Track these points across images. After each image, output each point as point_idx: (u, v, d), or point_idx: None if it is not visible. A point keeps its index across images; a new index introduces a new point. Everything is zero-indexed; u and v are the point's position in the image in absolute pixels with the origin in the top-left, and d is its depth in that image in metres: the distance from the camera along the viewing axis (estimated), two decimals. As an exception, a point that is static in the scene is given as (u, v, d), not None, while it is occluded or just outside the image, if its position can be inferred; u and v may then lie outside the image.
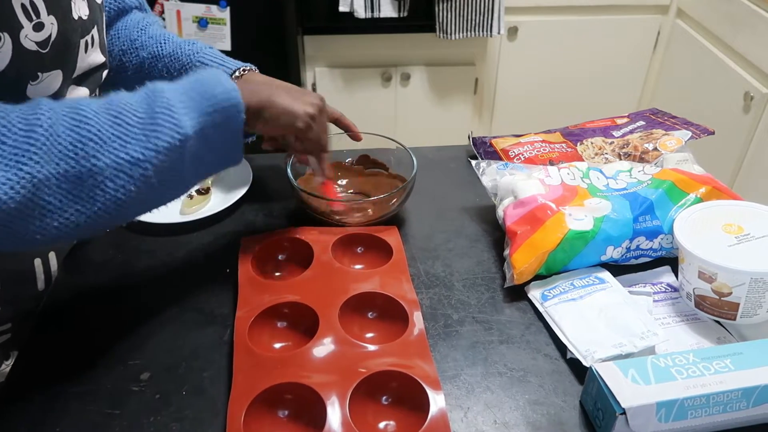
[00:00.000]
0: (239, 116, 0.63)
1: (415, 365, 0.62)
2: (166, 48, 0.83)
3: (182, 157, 0.59)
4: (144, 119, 0.57)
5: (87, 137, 0.54)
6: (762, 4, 1.65)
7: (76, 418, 0.60)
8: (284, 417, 0.59)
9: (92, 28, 0.68)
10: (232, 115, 0.63)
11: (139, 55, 0.84)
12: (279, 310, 0.68)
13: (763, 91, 1.63)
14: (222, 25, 1.75)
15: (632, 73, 2.16)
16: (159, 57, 0.84)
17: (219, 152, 0.64)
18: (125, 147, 0.56)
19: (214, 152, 0.64)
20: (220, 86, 0.62)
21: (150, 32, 0.85)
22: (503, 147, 0.96)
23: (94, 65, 0.70)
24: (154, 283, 0.75)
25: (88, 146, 0.54)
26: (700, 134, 0.90)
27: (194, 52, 0.83)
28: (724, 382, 0.56)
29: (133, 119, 0.57)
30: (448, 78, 2.05)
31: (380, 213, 0.82)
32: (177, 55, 0.83)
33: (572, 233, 0.73)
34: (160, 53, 0.83)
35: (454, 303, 0.73)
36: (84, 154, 0.54)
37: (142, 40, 0.84)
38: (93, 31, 0.69)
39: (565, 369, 0.65)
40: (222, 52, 0.86)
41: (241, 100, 0.63)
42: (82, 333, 0.69)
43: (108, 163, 0.55)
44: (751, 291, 0.65)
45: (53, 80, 0.62)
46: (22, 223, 0.52)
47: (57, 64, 0.62)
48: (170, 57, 0.83)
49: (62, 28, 0.61)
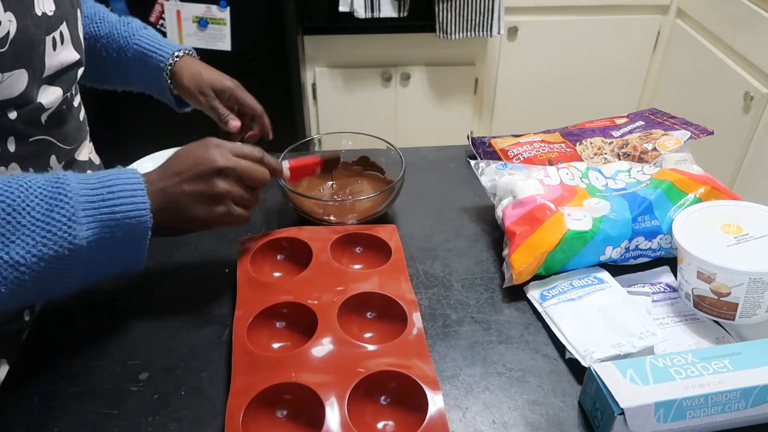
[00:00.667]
0: (144, 232, 0.60)
1: (414, 365, 0.62)
2: (102, 28, 0.83)
3: (69, 267, 0.57)
4: (38, 221, 0.54)
5: None
6: (762, 4, 1.65)
7: (75, 418, 0.60)
8: (283, 417, 0.59)
9: (60, 25, 0.66)
10: (137, 232, 0.59)
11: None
12: (278, 310, 0.68)
13: (763, 91, 1.63)
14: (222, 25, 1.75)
15: (632, 73, 2.16)
16: (96, 37, 0.83)
17: (116, 262, 0.61)
18: (8, 246, 0.53)
19: (110, 262, 0.60)
20: (129, 201, 0.58)
21: (85, 11, 0.83)
22: (502, 147, 0.96)
23: (67, 64, 0.68)
24: (153, 283, 0.75)
25: None
26: (699, 134, 0.90)
27: (130, 34, 0.83)
28: (722, 382, 0.56)
29: (26, 218, 0.54)
30: (448, 78, 2.05)
31: (367, 213, 0.82)
32: (113, 36, 0.82)
33: (571, 233, 0.73)
34: (97, 33, 0.83)
35: (452, 303, 0.73)
36: None
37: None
38: (61, 28, 0.66)
39: (563, 369, 0.65)
40: (159, 35, 0.86)
41: (149, 221, 0.59)
42: (81, 333, 0.69)
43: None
44: (749, 291, 0.65)
45: (17, 80, 0.60)
46: None
47: (19, 63, 0.60)
48: (107, 38, 0.83)
49: (22, 25, 0.58)
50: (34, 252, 0.54)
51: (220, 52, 1.77)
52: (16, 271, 0.53)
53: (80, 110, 0.78)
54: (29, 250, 0.53)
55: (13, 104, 0.62)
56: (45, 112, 0.67)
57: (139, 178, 0.60)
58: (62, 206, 0.55)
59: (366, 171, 0.92)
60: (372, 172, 0.92)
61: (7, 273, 0.53)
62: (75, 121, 0.75)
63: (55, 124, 0.70)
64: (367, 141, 0.90)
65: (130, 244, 0.60)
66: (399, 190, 0.84)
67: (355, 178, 0.91)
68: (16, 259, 0.53)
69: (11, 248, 0.53)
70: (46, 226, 0.54)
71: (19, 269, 0.53)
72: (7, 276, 0.53)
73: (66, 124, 0.72)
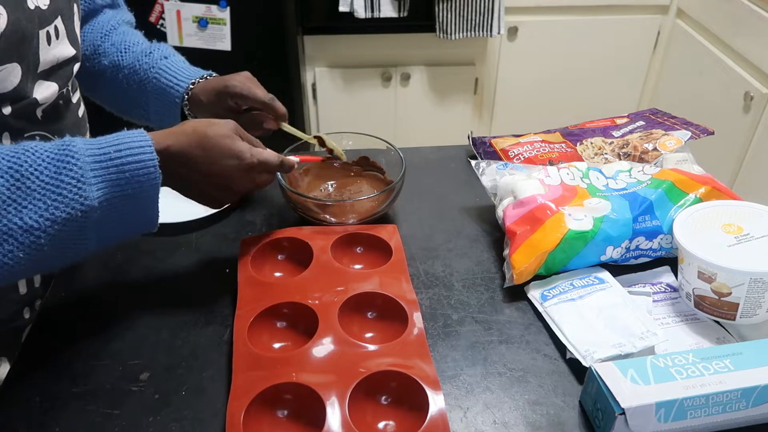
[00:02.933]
0: (155, 187, 0.60)
1: (415, 365, 0.62)
2: (126, 58, 0.82)
3: (83, 228, 0.57)
4: (48, 185, 0.55)
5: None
6: (762, 4, 1.65)
7: (76, 417, 0.60)
8: (283, 417, 0.59)
9: (54, 19, 0.65)
10: (147, 187, 0.60)
11: (101, 63, 0.82)
12: (278, 310, 0.68)
13: (763, 91, 1.63)
14: (222, 25, 1.75)
15: (632, 73, 2.16)
16: (119, 67, 0.82)
17: (129, 221, 0.62)
18: (21, 212, 0.53)
19: (123, 222, 0.61)
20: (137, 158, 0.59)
21: (113, 38, 0.83)
22: (503, 147, 0.96)
23: (63, 59, 0.67)
24: (154, 282, 0.75)
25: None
26: (699, 134, 0.90)
27: (150, 66, 0.81)
28: (723, 382, 0.56)
29: (36, 182, 0.54)
30: (448, 78, 2.05)
31: (367, 213, 0.82)
32: (135, 67, 0.81)
33: (572, 233, 0.73)
34: (120, 63, 0.82)
35: (453, 303, 0.73)
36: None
37: (104, 47, 0.83)
38: (56, 22, 0.65)
39: (564, 369, 0.65)
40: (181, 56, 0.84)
41: (157, 173, 0.60)
42: (82, 333, 0.69)
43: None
44: (750, 291, 0.65)
45: (9, 74, 0.60)
46: None
47: (12, 56, 0.59)
48: (129, 68, 0.81)
49: (14, 17, 0.58)
50: (47, 215, 0.54)
51: (220, 52, 1.77)
52: (31, 235, 0.54)
53: (79, 106, 0.77)
54: (42, 213, 0.54)
55: (7, 99, 0.62)
56: (40, 107, 0.66)
57: (146, 136, 0.61)
58: (71, 168, 0.56)
59: (366, 171, 0.92)
60: (372, 172, 0.92)
61: (23, 238, 0.54)
62: (73, 117, 0.74)
63: (51, 120, 0.69)
64: (367, 141, 0.90)
65: (141, 201, 0.60)
66: (399, 190, 0.84)
67: (355, 178, 0.91)
68: (30, 224, 0.53)
69: (24, 213, 0.53)
70: (56, 189, 0.55)
71: (33, 233, 0.54)
72: (24, 241, 0.54)
73: (63, 120, 0.71)
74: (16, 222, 0.53)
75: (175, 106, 0.82)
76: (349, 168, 0.92)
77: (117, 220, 0.60)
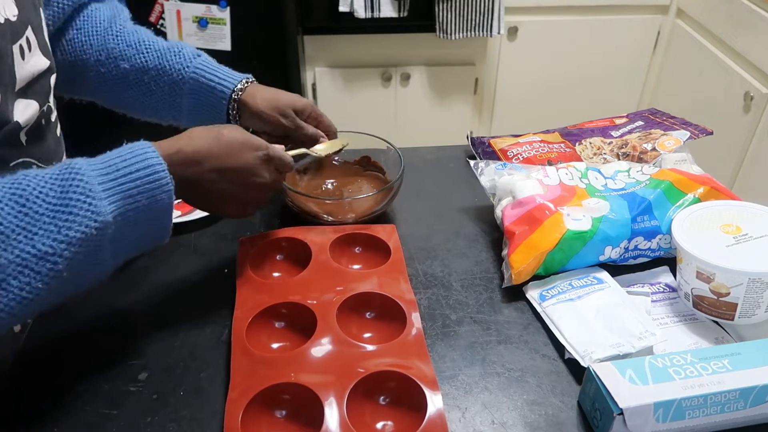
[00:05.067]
0: (167, 201, 0.58)
1: (413, 365, 0.62)
2: (150, 59, 0.77)
3: (99, 246, 0.54)
4: (56, 206, 0.51)
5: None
6: (762, 4, 1.65)
7: (74, 418, 0.60)
8: (282, 417, 0.59)
9: (25, 30, 0.60)
10: (160, 200, 0.57)
11: (120, 67, 0.77)
12: (277, 310, 0.68)
13: (763, 91, 1.63)
14: (222, 25, 1.75)
15: (632, 73, 2.16)
16: (144, 69, 0.77)
17: (143, 234, 0.59)
18: (32, 240, 0.50)
19: (138, 235, 0.58)
20: (147, 167, 0.56)
21: (127, 39, 0.78)
22: (502, 147, 0.96)
23: (38, 72, 0.63)
24: (152, 283, 0.75)
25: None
26: (698, 134, 0.90)
27: (183, 66, 0.77)
28: (722, 382, 0.56)
29: (43, 206, 0.51)
30: (448, 78, 2.05)
31: (365, 212, 0.83)
32: (164, 68, 0.77)
33: (570, 233, 0.73)
34: (144, 65, 0.77)
35: (452, 303, 0.73)
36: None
37: (119, 49, 0.78)
38: (27, 34, 0.61)
39: (563, 369, 0.65)
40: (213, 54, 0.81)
41: (170, 183, 0.58)
42: (80, 333, 0.69)
43: (11, 259, 0.49)
44: (749, 291, 0.65)
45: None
46: None
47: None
48: (156, 70, 0.77)
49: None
50: (61, 238, 0.51)
51: (220, 52, 1.77)
52: (47, 262, 0.51)
53: (57, 125, 0.73)
54: (55, 237, 0.51)
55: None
56: (23, 130, 0.62)
57: (148, 144, 0.58)
58: (77, 184, 0.52)
59: (367, 171, 0.92)
60: (373, 171, 0.92)
61: (39, 267, 0.50)
62: (53, 137, 0.70)
63: (35, 143, 0.65)
64: (367, 141, 0.90)
65: (155, 211, 0.58)
66: (398, 189, 0.84)
67: (355, 177, 0.91)
68: (44, 250, 0.50)
69: (35, 240, 0.50)
70: (65, 208, 0.51)
71: (50, 260, 0.51)
72: (40, 270, 0.50)
73: (46, 141, 0.67)
74: (29, 251, 0.50)
75: (221, 107, 0.79)
76: (349, 167, 0.92)
77: (132, 235, 0.57)
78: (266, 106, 0.79)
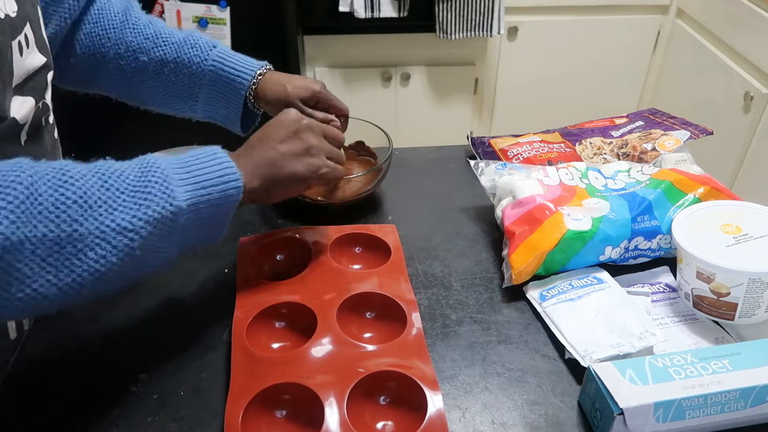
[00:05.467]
0: (236, 197, 0.60)
1: (413, 365, 0.62)
2: (168, 52, 0.78)
3: (172, 231, 0.56)
4: (136, 186, 0.54)
5: (72, 199, 0.49)
6: (762, 4, 1.65)
7: (74, 418, 0.60)
8: (282, 417, 0.59)
9: (23, 27, 0.61)
10: (230, 195, 0.60)
11: (139, 60, 0.78)
12: (277, 310, 0.68)
13: (763, 91, 1.63)
14: (222, 25, 1.75)
15: (632, 73, 2.16)
16: (164, 62, 0.79)
17: (207, 229, 0.61)
18: (112, 214, 0.51)
19: (202, 229, 0.60)
20: (219, 165, 0.59)
21: (145, 32, 0.79)
22: (502, 147, 0.96)
23: (34, 68, 0.63)
24: (152, 283, 0.75)
25: (72, 209, 0.49)
26: (698, 134, 0.90)
27: (202, 59, 0.78)
28: (722, 382, 0.56)
29: (124, 185, 0.53)
30: (448, 78, 2.05)
31: (354, 193, 0.85)
32: (182, 60, 0.78)
33: (570, 233, 0.73)
34: (164, 58, 0.78)
35: (452, 303, 0.73)
36: (66, 217, 0.49)
37: (138, 42, 0.78)
38: (25, 30, 0.61)
39: (563, 369, 0.65)
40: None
41: (240, 180, 0.60)
42: (80, 333, 0.69)
43: (91, 230, 0.50)
44: (749, 291, 0.65)
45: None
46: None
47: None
48: (175, 62, 0.78)
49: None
50: (140, 215, 0.53)
51: (220, 52, 1.76)
52: (125, 237, 0.52)
53: (54, 127, 0.73)
54: (134, 214, 0.52)
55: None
56: (22, 128, 0.62)
57: (219, 147, 0.61)
58: (155, 171, 0.55)
59: (360, 156, 0.94)
60: (365, 156, 0.94)
61: (116, 241, 0.51)
62: (51, 138, 0.70)
63: (34, 143, 0.65)
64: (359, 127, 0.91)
65: (222, 209, 0.60)
66: (386, 170, 0.87)
67: (348, 161, 0.91)
68: (124, 225, 0.52)
69: (116, 215, 0.52)
70: (144, 189, 0.54)
71: (127, 235, 0.52)
72: (117, 244, 0.51)
73: (44, 142, 0.67)
74: (108, 224, 0.51)
75: (239, 97, 0.80)
76: (346, 151, 0.92)
77: (199, 228, 0.59)
78: (275, 100, 0.80)
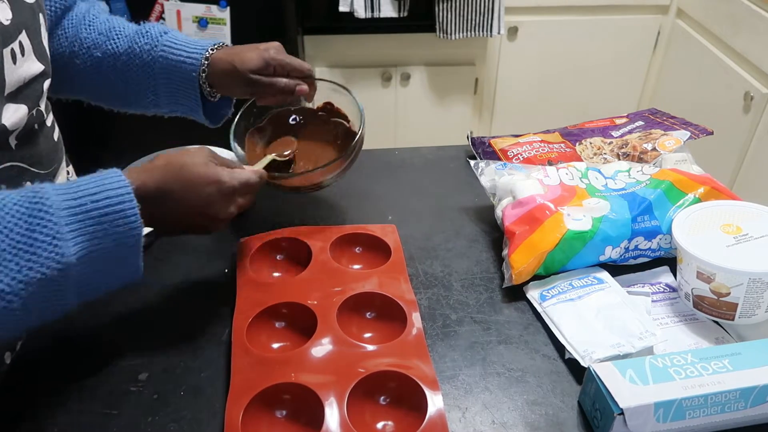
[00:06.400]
0: (136, 238, 0.56)
1: (414, 365, 0.62)
2: (120, 44, 0.76)
3: (61, 287, 0.53)
4: (20, 243, 0.50)
5: None
6: (762, 4, 1.65)
7: (74, 418, 0.60)
8: (282, 417, 0.59)
9: (18, 34, 0.60)
10: (128, 240, 0.56)
11: (93, 56, 0.76)
12: (277, 310, 0.68)
13: (763, 91, 1.63)
14: (222, 25, 1.75)
15: (632, 73, 2.16)
16: (116, 55, 0.76)
17: (110, 275, 0.57)
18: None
19: (104, 275, 0.57)
20: (116, 207, 0.55)
21: (99, 28, 0.77)
22: (502, 147, 0.96)
23: (30, 77, 0.62)
24: (152, 283, 0.75)
25: None
26: (698, 134, 0.90)
27: (152, 46, 0.75)
28: (722, 382, 0.56)
29: (6, 242, 0.49)
30: (448, 78, 2.05)
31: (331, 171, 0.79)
32: (134, 51, 0.76)
33: (571, 233, 0.73)
34: (115, 51, 0.76)
35: (452, 303, 0.73)
36: None
37: (92, 38, 0.77)
38: (20, 38, 0.60)
39: (563, 369, 0.65)
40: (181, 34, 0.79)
41: (138, 222, 0.56)
42: (80, 333, 0.69)
43: None
44: (749, 291, 0.65)
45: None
46: None
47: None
48: (127, 54, 0.76)
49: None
50: (20, 278, 0.49)
51: (220, 52, 1.76)
52: (2, 300, 0.49)
53: (54, 129, 0.71)
54: (14, 276, 0.49)
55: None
56: (11, 134, 0.61)
57: (125, 181, 0.56)
58: (44, 224, 0.51)
59: (332, 118, 0.88)
60: (336, 119, 0.88)
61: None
62: (48, 142, 0.69)
63: (26, 147, 0.64)
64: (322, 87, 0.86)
65: (122, 253, 0.56)
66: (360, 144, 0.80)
67: (316, 128, 0.87)
68: (1, 288, 0.49)
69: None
70: (29, 248, 0.50)
71: (5, 298, 0.49)
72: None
73: (38, 146, 0.66)
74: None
75: (192, 81, 0.77)
76: (313, 115, 0.88)
77: (97, 275, 0.56)
78: (226, 79, 0.77)
